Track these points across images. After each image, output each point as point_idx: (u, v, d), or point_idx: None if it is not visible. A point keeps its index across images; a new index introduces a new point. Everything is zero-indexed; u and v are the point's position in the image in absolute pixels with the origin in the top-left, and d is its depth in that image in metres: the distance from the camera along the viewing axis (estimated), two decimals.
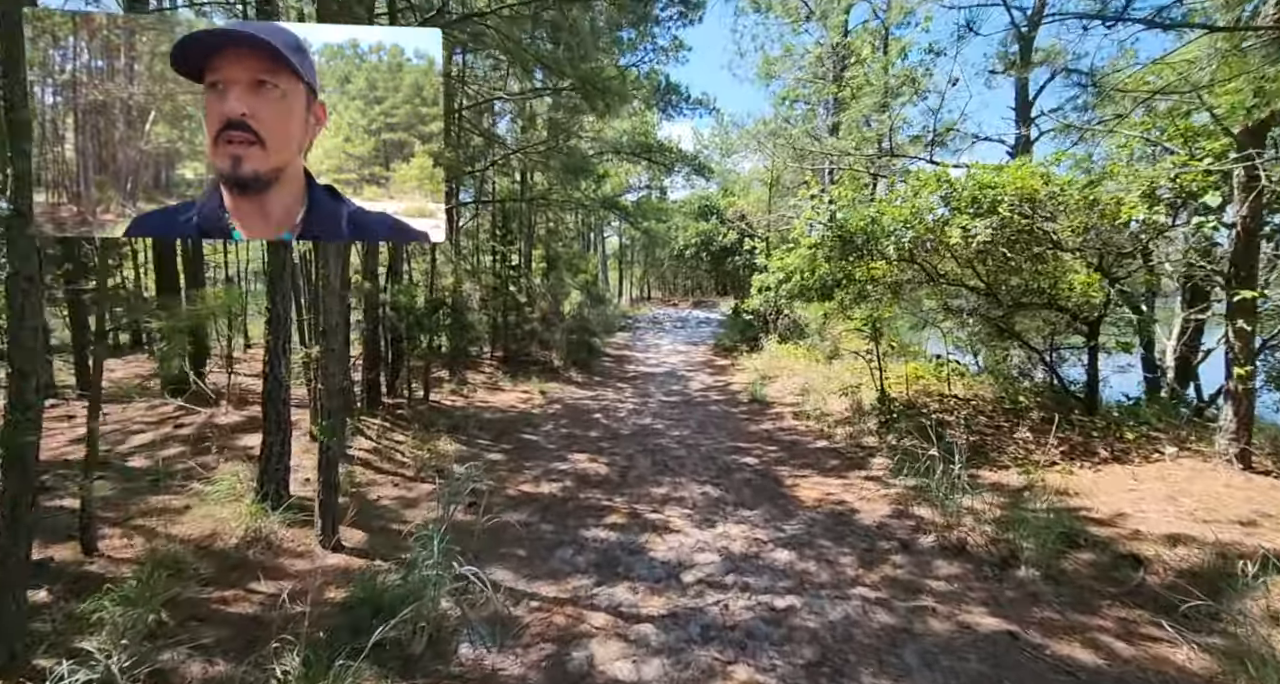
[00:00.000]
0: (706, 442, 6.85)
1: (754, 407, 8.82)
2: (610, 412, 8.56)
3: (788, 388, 9.61)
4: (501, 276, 11.06)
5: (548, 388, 9.93)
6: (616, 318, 19.18)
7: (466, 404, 8.44)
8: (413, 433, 6.34)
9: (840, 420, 7.33)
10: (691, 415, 8.34)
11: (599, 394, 9.92)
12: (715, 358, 14.11)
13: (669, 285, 49.48)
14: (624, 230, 33.72)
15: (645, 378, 11.68)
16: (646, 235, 19.07)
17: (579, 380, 11.08)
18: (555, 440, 6.85)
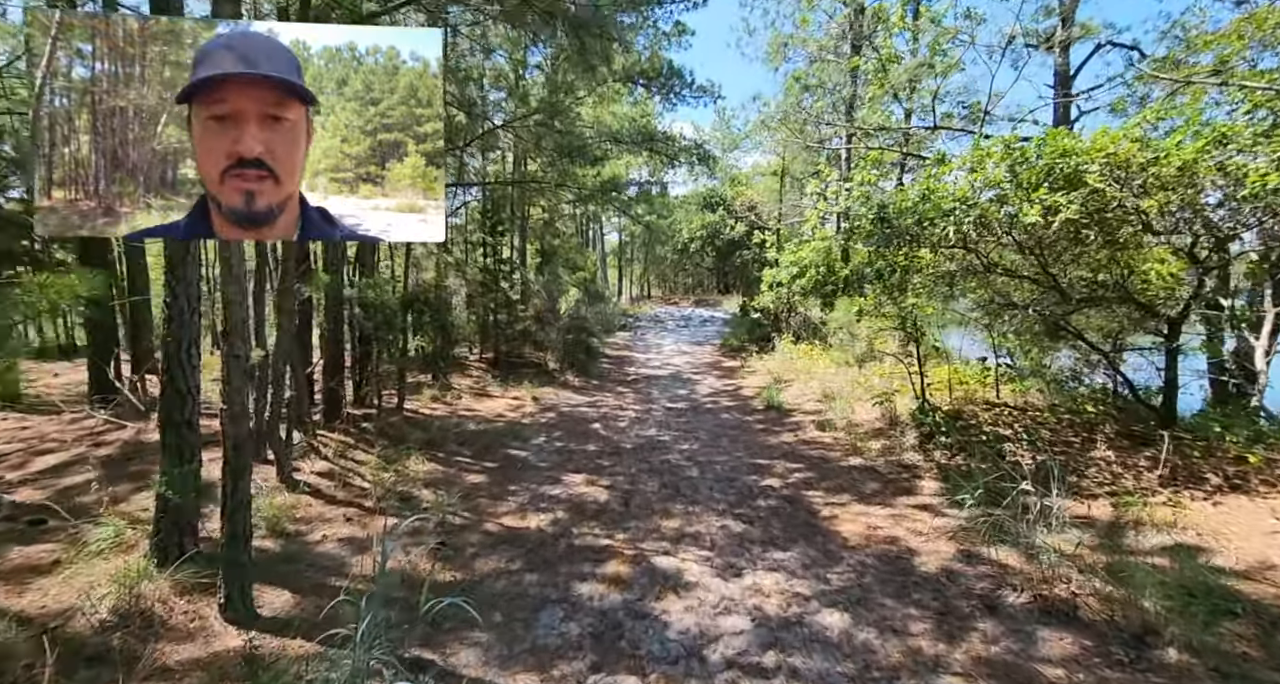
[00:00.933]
0: (721, 458, 5.95)
1: (770, 415, 7.91)
2: (610, 421, 7.65)
3: (807, 393, 8.71)
4: (491, 271, 10.15)
5: (541, 393, 9.02)
6: (616, 316, 18.27)
7: (448, 413, 7.53)
8: (379, 450, 5.44)
9: (872, 432, 6.43)
10: (701, 425, 7.44)
11: (598, 400, 9.02)
12: (722, 359, 13.21)
13: (669, 283, 48.57)
14: (624, 226, 32.87)
15: (648, 381, 10.78)
16: (648, 230, 18.10)
17: (576, 385, 10.17)
18: (547, 457, 5.95)
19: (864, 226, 5.55)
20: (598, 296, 14.68)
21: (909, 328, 6.01)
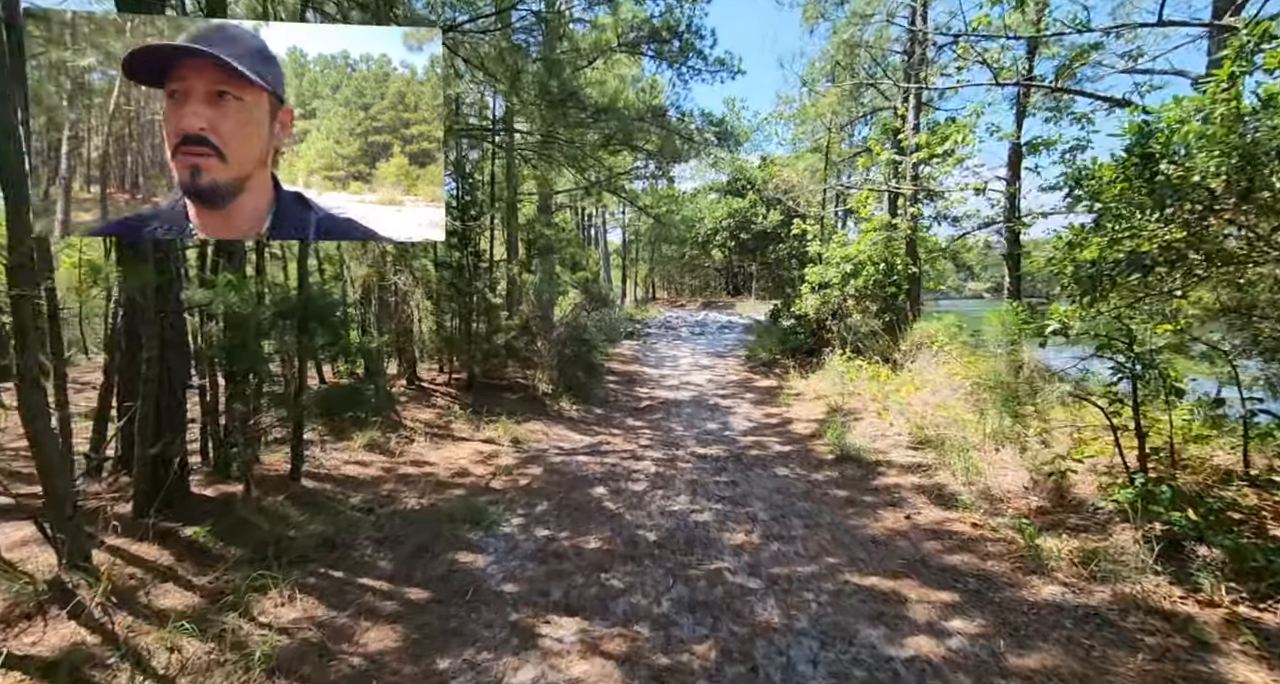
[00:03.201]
0: (805, 570, 3.60)
1: (848, 470, 5.55)
2: (620, 481, 5.31)
3: (889, 434, 6.34)
4: (463, 266, 7.81)
5: (525, 432, 6.67)
6: (621, 323, 15.96)
7: (383, 474, 5.19)
8: (216, 575, 3.10)
9: (1033, 515, 4.08)
10: (753, 490, 5.09)
11: (601, 443, 6.67)
12: (752, 376, 10.85)
13: (675, 285, 46.22)
14: (628, 223, 30.59)
15: (666, 409, 8.43)
16: (659, 223, 15.76)
17: (573, 416, 7.83)
18: (519, 570, 3.60)
19: (1099, 177, 3.13)
20: (601, 300, 12.39)
21: (1129, 354, 3.61)
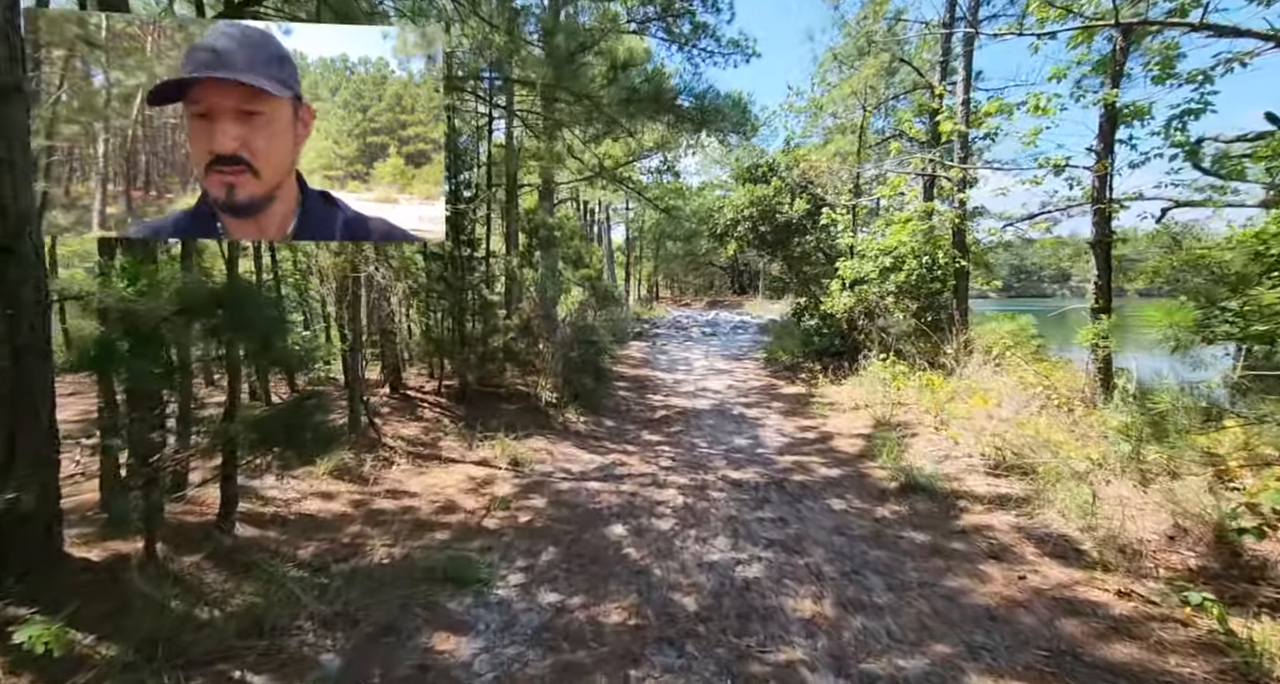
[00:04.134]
0: (908, 658, 2.60)
1: (918, 503, 4.54)
2: (641, 517, 4.32)
3: (956, 455, 5.35)
4: (455, 258, 6.82)
5: (526, 451, 5.68)
6: (629, 322, 14.97)
7: (352, 508, 4.19)
8: None
9: (1202, 579, 3.09)
10: (807, 529, 4.10)
11: (614, 464, 5.68)
12: (775, 381, 9.85)
13: (679, 283, 45.22)
14: (632, 219, 29.60)
15: (685, 421, 7.43)
16: (668, 216, 14.75)
17: (580, 429, 6.83)
18: (516, 665, 2.60)
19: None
20: (608, 298, 11.39)
21: None
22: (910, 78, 11.01)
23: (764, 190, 9.51)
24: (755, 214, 9.50)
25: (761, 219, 9.51)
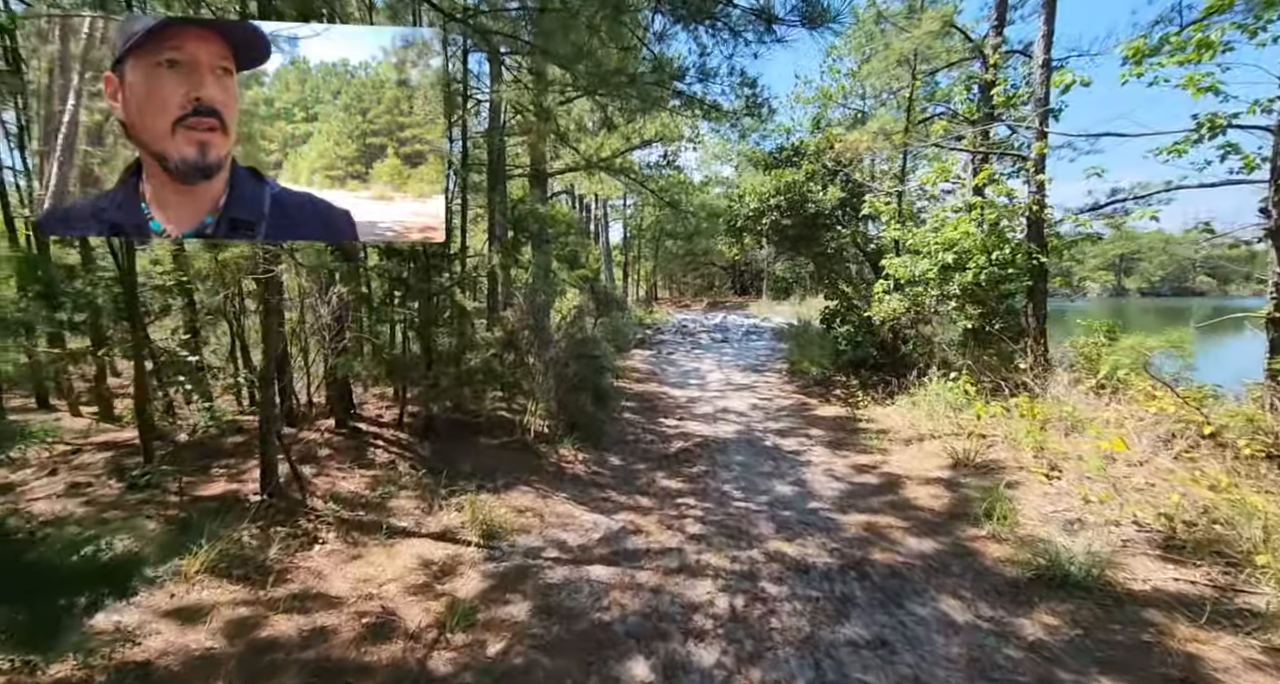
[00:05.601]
0: None
1: (1079, 610, 3.07)
2: (669, 640, 2.85)
3: (1092, 516, 3.89)
4: (419, 254, 5.33)
5: (506, 514, 4.19)
6: (631, 328, 13.50)
7: (224, 643, 2.70)
8: None
9: None
10: (925, 666, 2.64)
11: (625, 531, 4.18)
12: (807, 400, 8.39)
13: (678, 284, 43.72)
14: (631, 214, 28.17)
15: (708, 455, 5.97)
16: (673, 211, 13.32)
17: (579, 471, 5.36)
18: None
19: None
20: (609, 301, 9.91)
21: None
22: (950, 50, 9.58)
23: (793, 175, 8.07)
24: (783, 203, 8.07)
25: (790, 209, 8.06)
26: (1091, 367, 5.76)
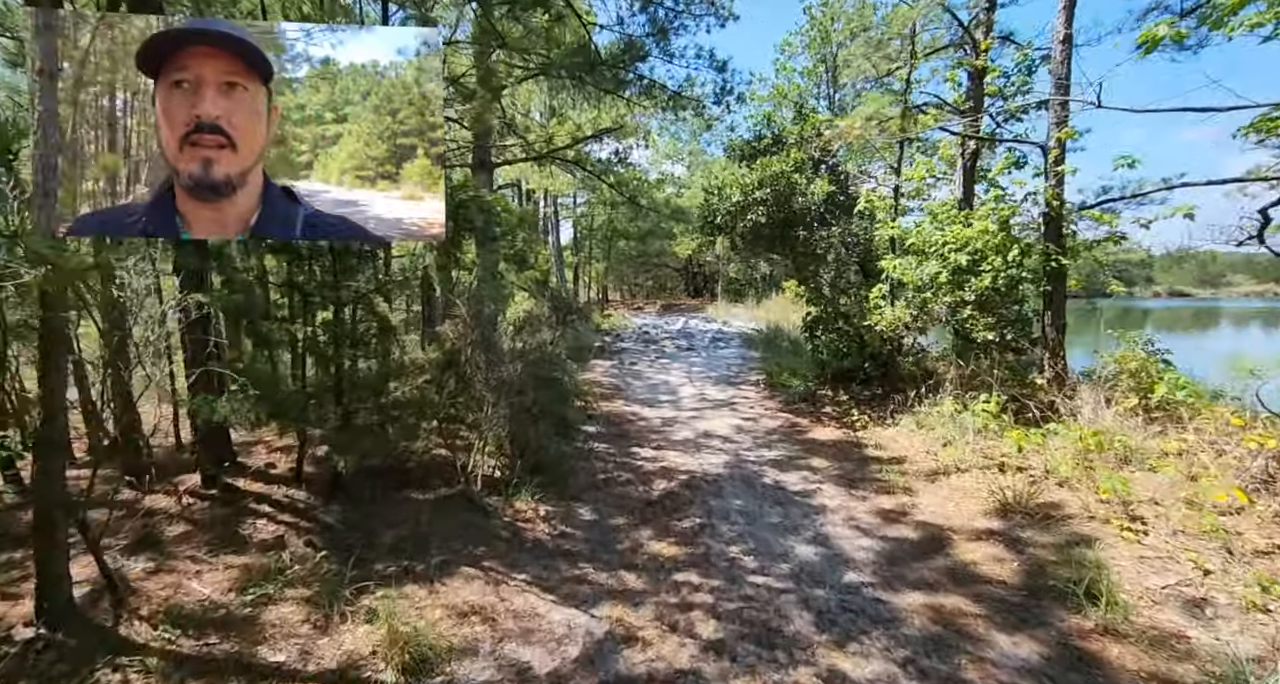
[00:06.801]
0: None
1: None
2: None
3: (1216, 596, 3.01)
4: (319, 253, 3.94)
5: (439, 618, 2.89)
6: (589, 336, 12.23)
7: None
8: None
9: None
10: None
11: (610, 641, 2.95)
12: (796, 418, 7.41)
13: (629, 285, 42.59)
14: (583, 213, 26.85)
15: (700, 501, 4.83)
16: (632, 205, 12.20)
17: (541, 535, 4.10)
18: None
19: None
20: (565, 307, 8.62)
21: None
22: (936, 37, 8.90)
23: (780, 165, 7.09)
24: (768, 196, 7.08)
25: (776, 204, 7.08)
26: (1137, 384, 5.02)
